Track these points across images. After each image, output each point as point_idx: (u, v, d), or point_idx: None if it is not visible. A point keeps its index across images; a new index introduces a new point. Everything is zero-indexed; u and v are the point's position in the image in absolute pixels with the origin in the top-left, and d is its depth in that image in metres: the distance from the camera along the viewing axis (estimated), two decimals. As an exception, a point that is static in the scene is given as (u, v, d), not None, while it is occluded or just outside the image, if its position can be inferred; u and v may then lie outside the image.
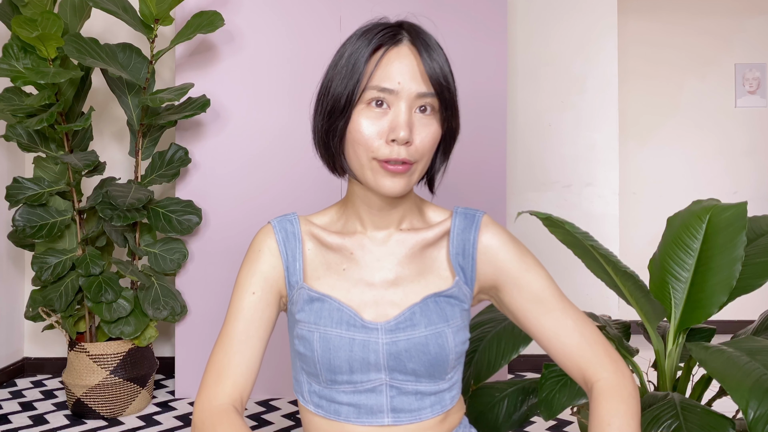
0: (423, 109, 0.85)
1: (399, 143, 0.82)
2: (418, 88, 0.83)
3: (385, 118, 0.83)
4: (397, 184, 0.84)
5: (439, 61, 0.86)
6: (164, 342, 2.90)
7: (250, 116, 2.51)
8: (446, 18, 2.55)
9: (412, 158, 0.84)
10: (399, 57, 0.84)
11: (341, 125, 0.85)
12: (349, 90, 0.83)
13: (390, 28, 0.87)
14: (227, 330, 0.91)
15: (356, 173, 0.87)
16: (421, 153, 0.85)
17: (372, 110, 0.83)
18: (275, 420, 2.28)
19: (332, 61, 0.88)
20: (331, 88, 0.85)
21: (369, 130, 0.83)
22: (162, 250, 2.43)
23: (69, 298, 2.26)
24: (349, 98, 0.83)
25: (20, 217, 2.27)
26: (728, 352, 1.06)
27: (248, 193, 2.51)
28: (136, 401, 2.37)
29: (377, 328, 0.87)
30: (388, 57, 0.84)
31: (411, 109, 0.84)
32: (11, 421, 2.25)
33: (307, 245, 0.93)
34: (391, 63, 0.83)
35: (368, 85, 0.83)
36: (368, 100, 0.83)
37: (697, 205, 1.38)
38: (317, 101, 0.89)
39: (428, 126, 0.85)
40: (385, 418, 0.88)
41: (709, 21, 3.88)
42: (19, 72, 2.15)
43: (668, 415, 1.06)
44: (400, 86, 0.83)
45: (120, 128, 2.88)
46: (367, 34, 0.86)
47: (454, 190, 2.53)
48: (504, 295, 0.93)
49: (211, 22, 2.30)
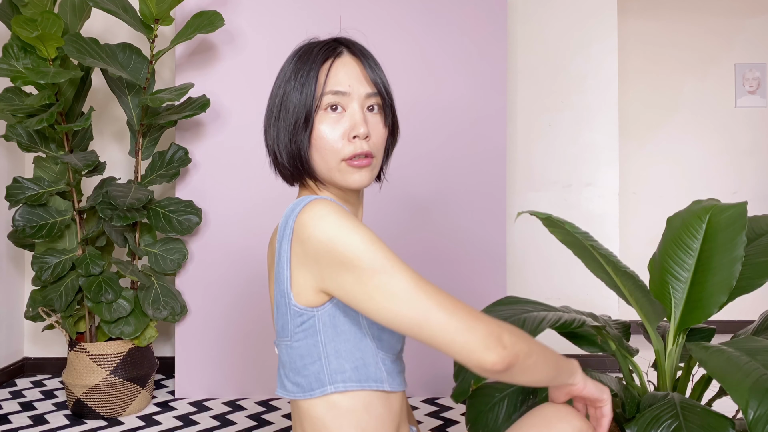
0: (371, 108, 0.97)
1: (360, 138, 0.94)
2: (365, 89, 0.96)
3: (343, 120, 0.94)
4: (363, 177, 0.96)
5: (376, 66, 0.98)
6: (164, 342, 2.90)
7: (250, 116, 2.51)
8: (446, 18, 2.55)
9: (373, 151, 0.96)
10: (344, 65, 0.96)
11: (306, 135, 0.95)
12: (307, 101, 0.94)
13: (328, 43, 0.99)
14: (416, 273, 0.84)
15: (324, 177, 0.97)
16: (377, 147, 0.97)
17: (329, 115, 0.94)
18: (275, 420, 2.28)
19: (275, 86, 0.99)
20: (289, 103, 0.96)
21: (331, 134, 0.94)
22: (162, 250, 2.43)
23: (69, 298, 2.26)
24: (310, 108, 0.94)
25: (20, 217, 2.27)
26: (728, 352, 1.06)
27: (248, 193, 2.51)
28: (136, 401, 2.37)
29: None
30: (335, 66, 0.95)
31: (363, 108, 0.96)
32: (11, 421, 2.25)
33: None
34: (338, 71, 0.95)
35: (324, 91, 0.94)
36: (325, 106, 0.94)
37: (697, 205, 1.38)
38: (272, 122, 0.99)
39: (378, 124, 0.98)
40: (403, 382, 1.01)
41: (709, 21, 3.88)
42: (19, 72, 2.15)
43: (668, 415, 1.06)
44: (351, 88, 0.95)
45: (120, 128, 2.88)
46: (308, 53, 0.97)
47: (454, 190, 2.53)
48: None
49: (211, 22, 2.30)
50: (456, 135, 2.54)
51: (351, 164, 0.94)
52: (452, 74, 2.55)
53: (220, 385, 2.52)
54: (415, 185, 2.53)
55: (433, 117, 2.54)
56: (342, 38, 1.00)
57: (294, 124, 0.95)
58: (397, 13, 2.54)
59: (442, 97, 2.54)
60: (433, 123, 2.54)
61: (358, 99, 0.95)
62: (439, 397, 2.52)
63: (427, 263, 2.51)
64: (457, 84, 2.55)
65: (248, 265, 2.50)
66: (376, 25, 2.52)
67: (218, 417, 2.30)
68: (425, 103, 2.53)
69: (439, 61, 2.55)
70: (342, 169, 0.95)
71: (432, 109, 2.54)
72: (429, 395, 2.53)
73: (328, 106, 0.94)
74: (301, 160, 0.97)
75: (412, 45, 2.54)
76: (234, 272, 2.51)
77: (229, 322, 2.51)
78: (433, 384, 2.53)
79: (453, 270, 2.52)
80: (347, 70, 0.95)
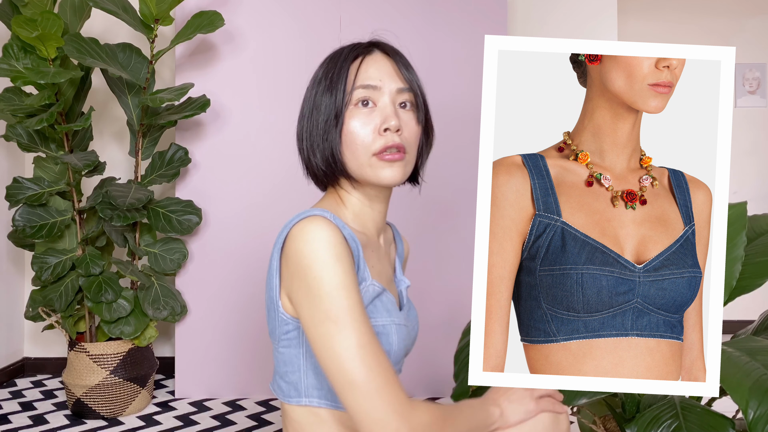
0: (403, 105, 0.96)
1: (392, 130, 0.92)
2: (397, 84, 0.94)
3: (374, 115, 0.93)
4: (396, 172, 0.93)
5: (408, 65, 0.98)
6: (164, 342, 2.90)
7: (250, 116, 2.51)
8: (446, 18, 2.55)
9: (406, 146, 0.94)
10: (375, 61, 0.95)
11: (338, 132, 0.93)
12: (338, 96, 0.93)
13: (359, 43, 0.99)
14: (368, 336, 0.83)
15: (356, 173, 0.95)
16: (410, 143, 0.95)
17: (360, 110, 0.93)
18: (275, 420, 2.28)
19: (307, 89, 0.99)
20: (320, 103, 0.95)
21: (362, 129, 0.92)
22: (162, 250, 2.43)
23: (69, 298, 2.26)
24: (339, 103, 0.93)
25: (20, 217, 2.27)
26: (728, 352, 1.06)
27: (248, 193, 2.51)
28: (136, 401, 2.37)
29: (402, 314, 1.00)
30: (366, 62, 0.95)
31: (394, 103, 0.94)
32: (11, 421, 2.25)
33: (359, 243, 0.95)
34: (369, 66, 0.94)
35: (354, 86, 0.93)
36: (355, 101, 0.93)
37: (697, 205, 1.37)
38: (305, 124, 0.98)
39: (410, 120, 0.96)
40: None
41: (709, 21, 3.88)
42: (19, 72, 2.15)
43: (668, 415, 1.06)
44: (382, 83, 0.93)
45: (120, 128, 2.88)
46: (338, 54, 0.97)
47: (454, 191, 2.53)
48: None
49: (211, 22, 2.30)
50: (456, 135, 2.54)
51: (382, 158, 0.92)
52: (452, 74, 2.55)
53: (220, 385, 2.52)
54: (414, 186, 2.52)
55: (431, 116, 2.53)
56: (374, 40, 1.00)
57: (326, 122, 0.94)
58: (397, 13, 2.54)
59: (442, 98, 2.54)
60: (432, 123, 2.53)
61: (390, 93, 0.93)
62: (439, 397, 2.52)
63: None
64: (457, 84, 2.55)
65: (248, 265, 2.50)
66: (376, 25, 2.52)
67: (218, 417, 2.30)
68: (425, 103, 2.53)
69: (439, 61, 2.55)
70: (373, 164, 0.92)
71: (431, 109, 2.53)
72: (429, 395, 2.53)
73: (359, 101, 0.93)
74: (334, 158, 0.94)
75: (412, 45, 2.54)
76: (234, 272, 2.51)
77: (229, 322, 2.51)
78: (433, 384, 2.53)
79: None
80: (378, 66, 0.95)
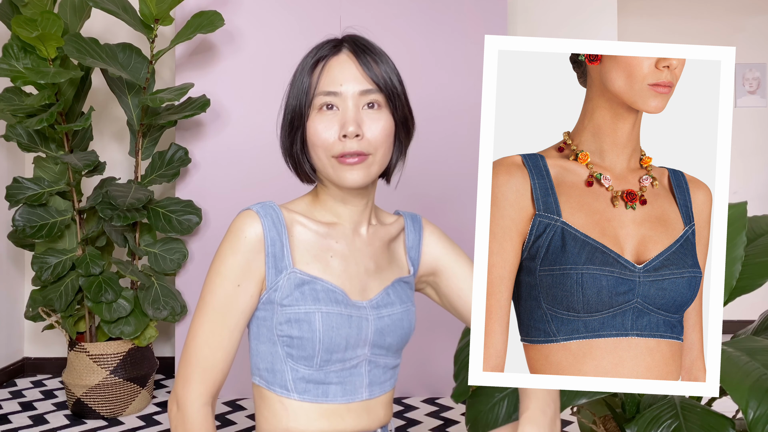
0: (371, 105, 0.95)
1: (350, 137, 0.92)
2: (360, 86, 0.94)
3: (337, 119, 0.94)
4: (356, 175, 0.94)
5: (379, 60, 0.96)
6: (164, 342, 2.90)
7: (250, 116, 2.51)
8: (446, 18, 2.55)
9: (366, 150, 0.94)
10: (339, 63, 0.95)
11: (300, 134, 0.96)
12: (300, 101, 0.95)
13: (330, 41, 0.99)
14: (213, 322, 0.93)
15: (321, 173, 0.98)
16: (375, 146, 0.95)
17: (324, 114, 0.94)
18: (275, 420, 2.28)
19: (289, 82, 1.00)
20: (288, 104, 0.98)
21: (323, 132, 0.94)
22: (162, 250, 2.43)
23: (69, 298, 2.26)
24: (301, 108, 0.95)
25: (20, 217, 2.27)
26: (728, 352, 1.06)
27: (248, 194, 2.51)
28: (136, 401, 2.37)
29: (364, 306, 0.98)
30: (329, 65, 0.95)
31: (358, 107, 0.94)
32: (11, 421, 2.25)
33: (294, 231, 0.98)
34: (332, 70, 0.95)
35: (315, 92, 0.94)
36: (318, 106, 0.94)
37: (697, 205, 1.37)
38: (279, 122, 1.01)
39: (378, 120, 0.95)
40: (363, 393, 0.98)
41: (709, 21, 3.88)
42: (19, 72, 2.15)
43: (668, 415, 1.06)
44: (342, 87, 0.94)
45: (120, 128, 2.88)
46: (311, 52, 0.98)
47: (453, 190, 2.53)
48: (441, 280, 1.10)
49: (211, 22, 2.30)
50: (456, 135, 2.54)
51: (343, 161, 0.93)
52: (452, 74, 2.55)
53: (220, 385, 2.51)
54: (416, 185, 2.53)
55: (432, 117, 2.54)
56: (346, 36, 0.99)
57: (290, 123, 0.98)
58: (397, 13, 2.54)
59: (442, 98, 2.54)
60: (432, 123, 2.53)
61: (352, 97, 0.94)
62: (439, 397, 2.52)
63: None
64: (457, 84, 2.55)
65: (248, 265, 2.50)
66: (376, 25, 2.52)
67: (218, 417, 2.30)
68: (424, 103, 2.53)
69: (439, 61, 2.55)
70: (335, 167, 0.94)
71: (431, 109, 2.54)
72: (429, 395, 2.53)
73: (323, 106, 0.94)
74: (294, 158, 0.99)
75: (411, 45, 2.54)
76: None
77: (229, 322, 2.51)
78: (433, 384, 2.53)
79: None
80: (342, 68, 0.95)
